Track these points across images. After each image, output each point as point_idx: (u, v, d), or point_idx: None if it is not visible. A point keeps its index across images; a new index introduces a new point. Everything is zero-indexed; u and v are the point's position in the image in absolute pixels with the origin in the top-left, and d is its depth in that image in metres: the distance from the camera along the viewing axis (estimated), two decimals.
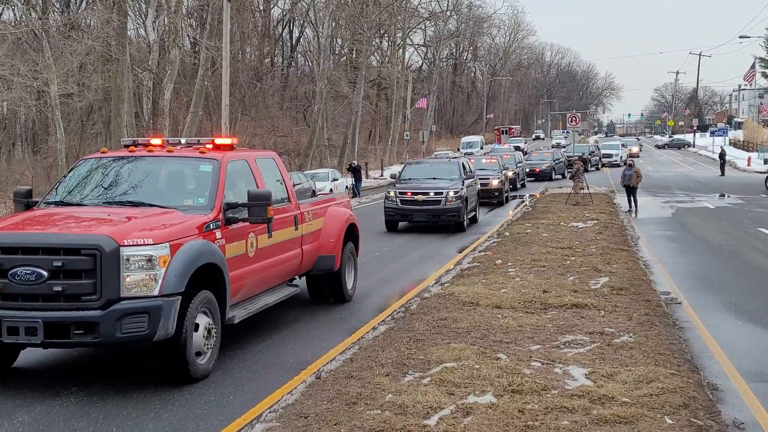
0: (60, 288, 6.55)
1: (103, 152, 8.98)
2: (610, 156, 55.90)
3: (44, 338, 6.55)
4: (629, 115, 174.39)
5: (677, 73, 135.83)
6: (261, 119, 47.60)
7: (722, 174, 46.38)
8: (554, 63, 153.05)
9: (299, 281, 10.52)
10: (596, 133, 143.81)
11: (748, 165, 52.65)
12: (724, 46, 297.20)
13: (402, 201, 20.11)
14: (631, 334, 8.47)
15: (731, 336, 9.15)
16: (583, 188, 27.50)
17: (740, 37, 70.23)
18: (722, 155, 48.80)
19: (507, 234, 17.99)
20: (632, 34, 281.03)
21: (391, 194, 20.41)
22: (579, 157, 35.45)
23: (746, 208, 26.42)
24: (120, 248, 6.59)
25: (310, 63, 61.82)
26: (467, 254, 15.54)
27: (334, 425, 5.83)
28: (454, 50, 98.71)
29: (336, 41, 57.05)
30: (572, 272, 12.45)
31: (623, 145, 62.40)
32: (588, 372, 7.08)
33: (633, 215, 24.16)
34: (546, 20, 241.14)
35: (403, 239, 18.90)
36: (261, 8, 55.54)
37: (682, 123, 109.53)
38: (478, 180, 23.96)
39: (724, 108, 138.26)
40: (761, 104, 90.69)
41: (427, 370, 7.15)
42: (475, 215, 22.20)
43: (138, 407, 6.60)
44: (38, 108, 32.06)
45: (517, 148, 55.34)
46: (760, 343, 8.84)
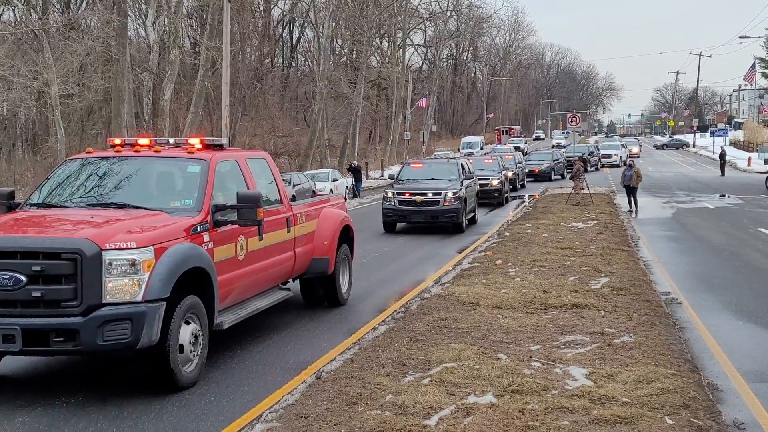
0: (39, 294, 6.31)
1: (89, 152, 8.69)
2: (610, 156, 55.73)
3: (23, 346, 6.32)
4: (629, 116, 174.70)
5: (677, 74, 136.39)
6: (261, 119, 47.61)
7: (722, 174, 46.35)
8: (554, 63, 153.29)
9: (292, 285, 10.38)
10: (596, 134, 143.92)
11: (749, 165, 52.63)
12: (724, 47, 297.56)
13: (400, 202, 20.04)
14: (632, 335, 8.47)
15: (731, 336, 9.15)
16: (584, 188, 27.50)
17: (740, 38, 70.21)
18: (722, 155, 48.79)
19: (507, 234, 17.98)
20: (632, 35, 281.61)
21: (389, 195, 20.31)
22: (579, 158, 35.43)
23: (746, 209, 26.42)
24: (102, 252, 6.36)
25: (310, 63, 61.95)
26: (467, 254, 15.53)
27: (335, 425, 5.83)
28: (454, 50, 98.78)
29: (336, 41, 57.07)
30: (572, 272, 12.44)
31: (623, 146, 62.21)
32: (588, 372, 7.08)
33: (633, 215, 24.16)
34: (546, 20, 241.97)
35: (403, 240, 18.90)
36: (261, 8, 55.57)
37: (683, 123, 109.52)
38: (478, 180, 23.91)
39: (725, 108, 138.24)
40: (761, 104, 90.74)
41: (428, 371, 7.15)
42: (474, 216, 22.15)
43: (138, 407, 6.59)
44: (38, 108, 32.03)
45: (517, 149, 55.37)
46: (761, 343, 8.84)
